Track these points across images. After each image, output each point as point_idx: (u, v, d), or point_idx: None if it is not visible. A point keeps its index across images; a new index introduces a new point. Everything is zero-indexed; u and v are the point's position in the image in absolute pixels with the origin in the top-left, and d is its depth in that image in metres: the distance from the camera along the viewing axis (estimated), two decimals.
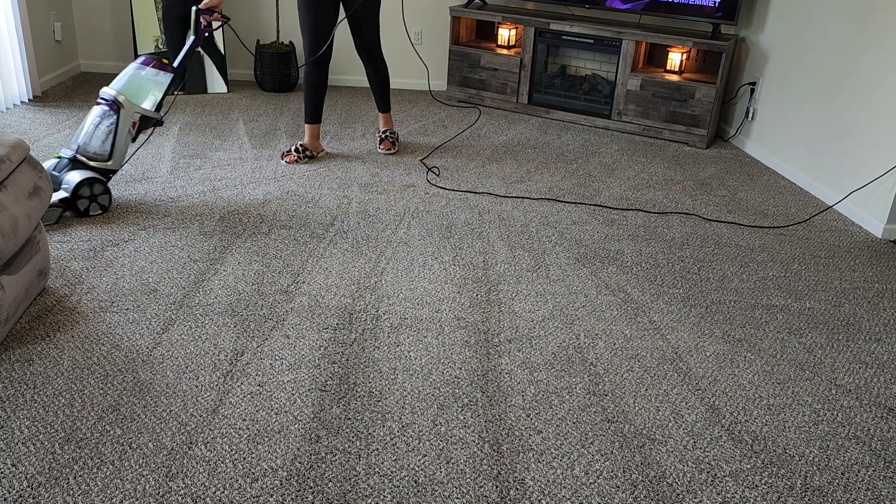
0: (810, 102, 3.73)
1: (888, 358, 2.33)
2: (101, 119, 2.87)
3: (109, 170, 2.91)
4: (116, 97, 2.87)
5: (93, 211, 2.87)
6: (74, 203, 2.81)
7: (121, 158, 2.92)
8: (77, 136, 2.91)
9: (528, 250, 2.87)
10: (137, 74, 2.94)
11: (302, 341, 2.19)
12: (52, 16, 4.45)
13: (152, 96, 2.93)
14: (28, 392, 1.90)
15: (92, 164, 2.87)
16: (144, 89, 2.92)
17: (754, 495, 1.73)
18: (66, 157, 2.88)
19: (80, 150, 2.88)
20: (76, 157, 2.87)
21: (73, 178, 2.80)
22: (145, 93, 2.92)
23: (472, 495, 1.67)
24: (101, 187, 2.85)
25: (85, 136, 2.88)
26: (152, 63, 2.98)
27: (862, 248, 3.12)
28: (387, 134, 3.86)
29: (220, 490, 1.63)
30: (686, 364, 2.22)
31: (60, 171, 2.87)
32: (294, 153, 3.62)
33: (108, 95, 2.88)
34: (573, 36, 4.44)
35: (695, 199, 3.51)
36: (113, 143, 2.86)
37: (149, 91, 2.93)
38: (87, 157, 2.87)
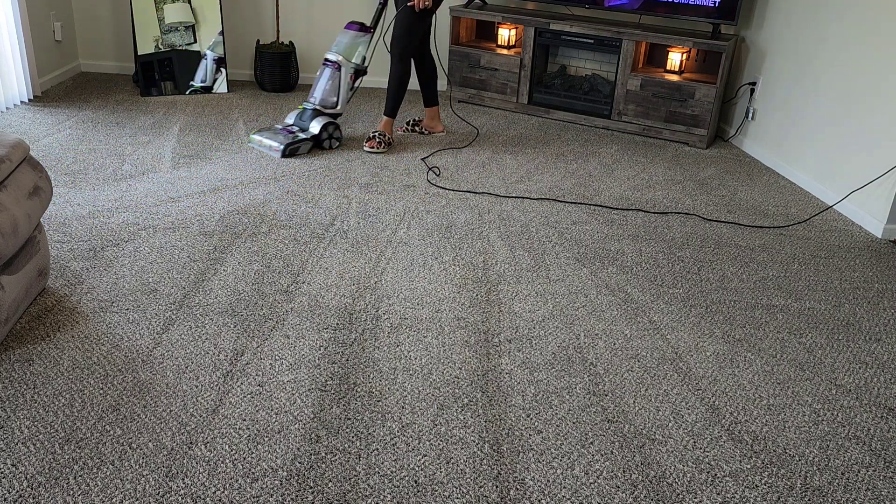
0: (810, 102, 3.73)
1: (888, 358, 2.33)
2: (328, 77, 3.78)
3: (338, 113, 3.85)
4: (337, 59, 3.76)
5: (332, 145, 3.82)
6: (320, 139, 3.76)
7: (344, 104, 3.84)
8: (313, 91, 3.83)
9: (528, 250, 2.87)
10: (350, 38, 3.79)
11: (302, 341, 2.19)
12: (52, 16, 4.45)
13: (359, 54, 3.81)
14: (28, 392, 1.90)
15: (327, 111, 3.81)
16: (354, 49, 3.79)
17: (754, 495, 1.73)
18: (309, 109, 3.81)
19: (319, 102, 3.80)
20: (316, 108, 3.80)
21: (317, 123, 3.75)
22: (355, 51, 3.80)
23: (472, 495, 1.67)
24: (334, 127, 3.80)
25: (319, 91, 3.80)
26: (356, 27, 3.79)
27: (862, 248, 3.12)
28: (376, 134, 3.88)
29: (220, 490, 1.63)
30: (686, 364, 2.22)
31: (304, 118, 3.80)
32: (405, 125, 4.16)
33: (332, 58, 3.77)
34: (573, 36, 4.44)
35: (695, 199, 3.51)
36: (339, 93, 3.79)
37: (356, 50, 3.80)
38: (323, 107, 3.80)
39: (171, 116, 4.18)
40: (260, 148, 3.74)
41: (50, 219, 2.84)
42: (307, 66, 5.07)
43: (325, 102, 3.79)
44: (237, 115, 4.29)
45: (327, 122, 3.75)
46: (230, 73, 5.00)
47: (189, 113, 4.26)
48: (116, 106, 4.27)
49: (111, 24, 4.82)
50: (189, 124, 4.06)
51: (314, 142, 3.76)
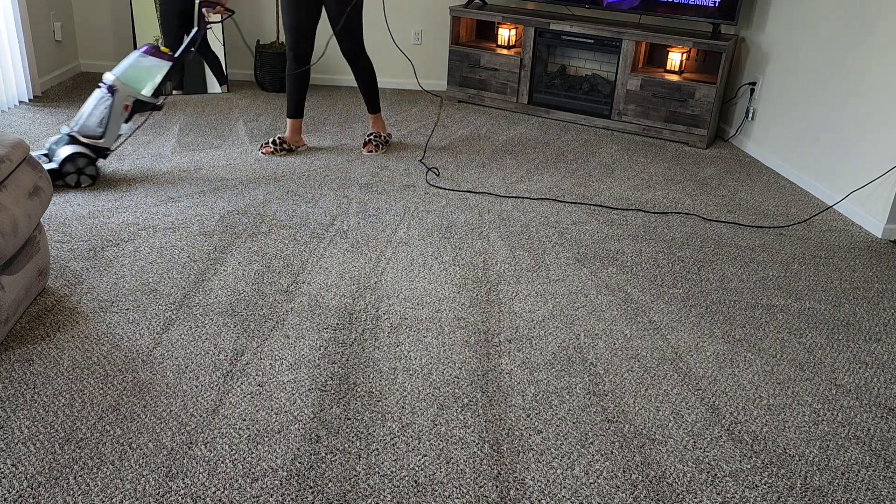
0: (810, 102, 3.73)
1: (888, 358, 2.33)
2: (99, 101, 3.13)
3: (102, 147, 3.16)
4: (114, 82, 3.13)
5: (71, 182, 3.11)
6: (62, 173, 3.08)
7: (113, 137, 3.17)
8: (77, 116, 3.16)
9: (528, 250, 2.87)
10: (138, 62, 3.19)
11: (302, 341, 2.19)
12: (52, 16, 4.45)
13: (150, 83, 3.18)
14: (28, 392, 1.90)
15: (85, 140, 3.12)
16: (143, 76, 3.17)
17: (754, 495, 1.73)
18: (65, 134, 3.14)
19: (78, 128, 3.14)
20: (72, 134, 3.13)
21: (63, 152, 3.07)
22: (143, 79, 3.17)
23: (472, 495, 1.67)
24: (85, 161, 3.09)
25: (84, 116, 3.14)
26: (153, 52, 3.21)
27: (862, 248, 3.12)
28: (371, 137, 3.84)
29: (220, 490, 1.63)
30: (686, 364, 2.22)
31: (58, 144, 3.13)
32: (271, 145, 3.69)
33: (107, 80, 3.14)
34: (573, 36, 4.44)
35: (695, 199, 3.51)
36: (107, 123, 3.13)
37: (147, 78, 3.17)
38: (83, 135, 3.13)
39: (171, 116, 4.18)
40: None
41: (50, 219, 2.84)
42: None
43: (86, 130, 3.13)
44: (237, 115, 4.29)
45: (77, 153, 3.06)
46: (230, 73, 5.00)
47: (189, 113, 4.26)
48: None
49: (111, 24, 4.82)
50: (189, 124, 4.06)
51: (54, 176, 3.05)
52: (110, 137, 3.16)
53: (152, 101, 3.20)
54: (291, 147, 3.75)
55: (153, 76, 3.19)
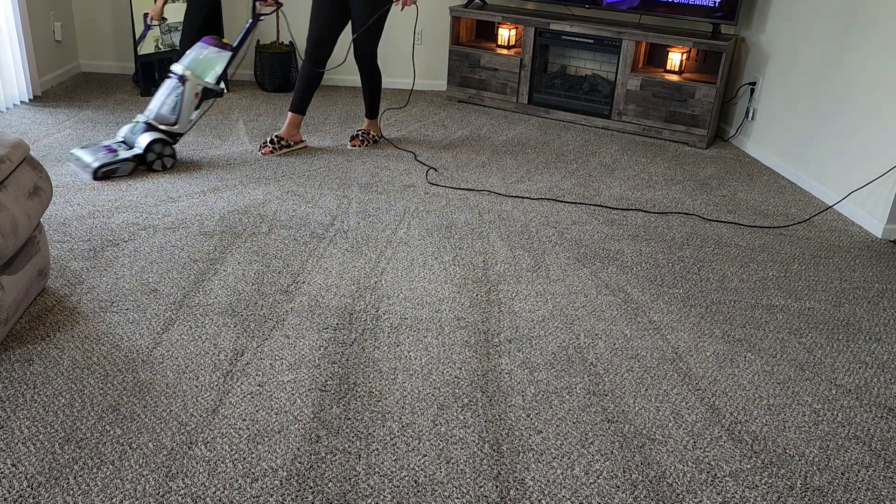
0: (810, 102, 3.73)
1: (888, 358, 2.33)
2: (171, 91, 3.37)
3: (176, 133, 3.42)
4: (183, 73, 3.37)
5: (157, 167, 3.37)
6: (146, 158, 3.32)
7: (185, 123, 3.42)
8: (151, 105, 3.40)
9: (528, 250, 2.87)
10: (201, 53, 3.43)
11: (302, 341, 2.19)
12: (52, 16, 4.45)
13: (213, 71, 3.44)
14: (28, 392, 1.90)
15: (161, 127, 3.37)
16: (208, 66, 3.43)
17: (754, 495, 1.73)
18: (141, 122, 3.37)
19: (153, 116, 3.37)
20: (149, 122, 3.36)
21: (145, 138, 3.31)
22: (208, 68, 3.42)
23: (472, 495, 1.67)
24: (164, 145, 3.35)
25: (157, 105, 3.38)
26: (214, 43, 3.46)
27: (862, 248, 3.12)
28: (360, 132, 3.91)
29: (220, 490, 1.63)
30: (686, 364, 2.22)
31: (135, 133, 3.36)
32: (269, 144, 3.70)
33: (177, 71, 3.38)
34: (573, 36, 4.44)
35: (695, 199, 3.51)
36: (179, 110, 3.37)
37: (211, 67, 3.43)
38: (158, 122, 3.37)
39: None
40: (75, 166, 3.31)
41: (50, 219, 2.84)
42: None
43: (161, 118, 3.36)
44: (237, 115, 4.29)
45: (157, 139, 3.31)
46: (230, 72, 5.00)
47: None
48: (116, 106, 4.27)
49: (111, 24, 4.82)
50: None
51: (138, 161, 3.31)
52: (183, 123, 3.41)
53: (217, 88, 3.47)
54: (290, 143, 3.75)
55: (216, 66, 3.43)
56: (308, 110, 4.48)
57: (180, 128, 3.41)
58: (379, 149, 3.90)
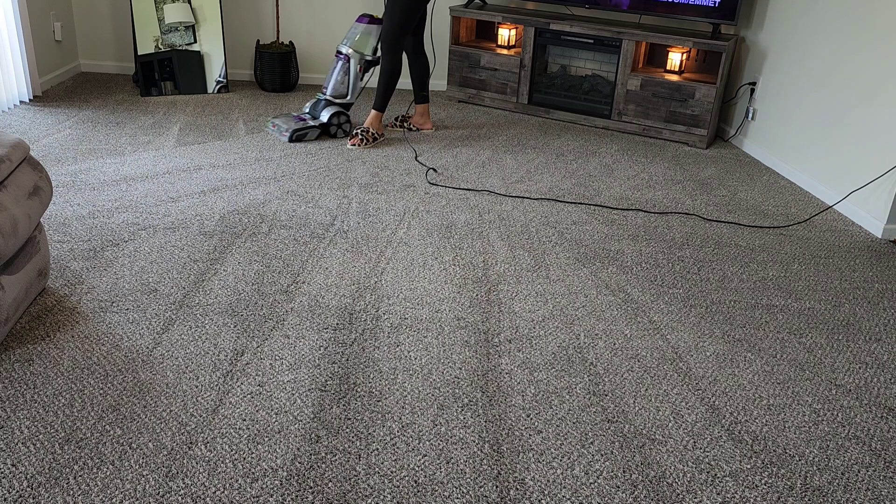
0: (810, 102, 3.73)
1: (888, 358, 2.33)
2: (340, 68, 3.95)
3: (348, 103, 4.05)
4: (347, 51, 3.92)
5: (338, 134, 4.00)
6: (328, 127, 3.96)
7: (356, 94, 4.01)
8: (326, 82, 4.00)
9: (528, 250, 2.87)
10: (361, 31, 3.93)
11: (302, 341, 2.19)
12: (52, 16, 4.45)
13: (370, 45, 3.95)
14: (28, 392, 1.90)
15: (337, 101, 4.01)
16: (365, 40, 3.94)
17: (754, 495, 1.73)
18: (322, 99, 4.02)
19: (330, 92, 3.99)
20: (327, 98, 4.00)
21: (327, 112, 3.96)
22: (365, 43, 3.94)
23: (472, 495, 1.67)
24: (344, 117, 3.98)
25: (331, 82, 3.98)
26: (367, 19, 3.93)
27: (862, 248, 3.12)
28: (360, 130, 3.94)
29: (220, 490, 1.63)
30: (686, 364, 2.22)
31: (318, 107, 4.01)
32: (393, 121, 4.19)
33: (342, 50, 3.94)
34: (573, 36, 4.44)
35: (695, 199, 3.51)
36: (349, 84, 3.98)
37: (367, 41, 3.94)
38: (334, 97, 4.00)
39: (171, 116, 4.18)
40: (273, 132, 3.97)
41: (50, 219, 2.84)
42: (307, 66, 5.07)
43: (335, 93, 3.97)
44: (237, 115, 4.29)
45: (337, 111, 3.94)
46: (230, 73, 5.00)
47: (189, 113, 4.26)
48: (116, 106, 4.27)
49: (111, 24, 4.82)
50: (189, 124, 4.06)
51: (322, 129, 3.95)
52: (354, 94, 4.01)
53: (375, 58, 3.98)
54: (413, 128, 4.20)
55: (371, 39, 3.93)
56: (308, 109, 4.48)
57: (352, 98, 4.02)
58: (379, 149, 3.90)
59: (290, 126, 3.90)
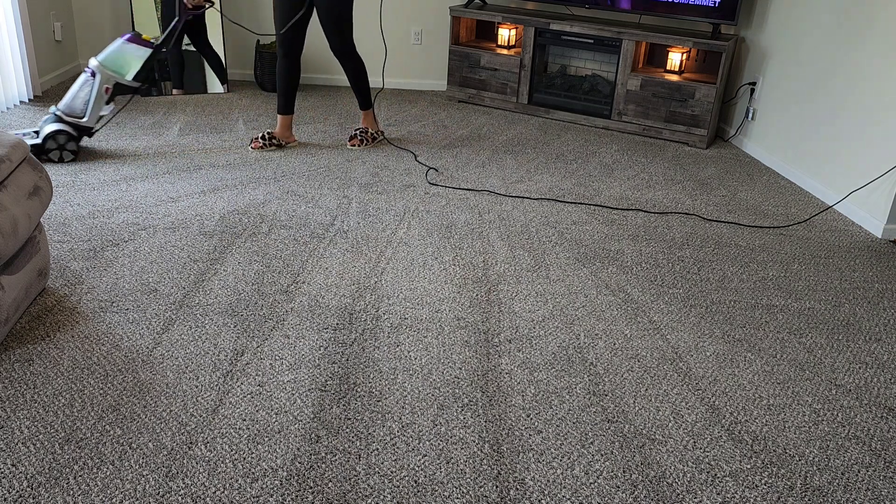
0: (810, 102, 3.73)
1: (888, 358, 2.33)
2: (83, 84, 3.40)
3: (85, 126, 3.43)
4: (95, 67, 3.39)
5: (55, 157, 3.37)
6: (45, 148, 3.34)
7: (95, 117, 3.43)
8: (65, 96, 3.43)
9: (528, 250, 2.87)
10: (120, 48, 3.43)
11: (302, 341, 2.19)
12: (52, 16, 4.45)
13: (131, 68, 3.43)
14: (28, 392, 1.90)
15: (68, 119, 3.39)
16: (124, 61, 3.43)
17: (754, 495, 1.73)
18: (52, 113, 3.41)
19: (63, 108, 3.40)
20: (57, 114, 3.40)
21: (47, 129, 3.34)
22: (124, 64, 3.43)
23: (472, 495, 1.67)
24: (66, 137, 3.35)
25: (69, 96, 3.41)
26: (134, 39, 3.45)
27: (862, 248, 3.12)
28: (357, 131, 3.89)
29: (220, 490, 1.63)
30: (686, 364, 2.22)
31: (46, 122, 3.38)
32: (260, 140, 3.75)
33: (91, 65, 3.40)
34: (573, 36, 4.44)
35: (695, 199, 3.51)
36: (88, 103, 3.39)
37: (128, 63, 3.43)
38: (67, 115, 3.39)
39: (171, 116, 4.18)
40: None
41: (50, 219, 2.84)
42: (307, 66, 5.07)
43: (70, 109, 3.39)
44: (237, 115, 4.29)
45: (59, 130, 3.33)
46: (230, 73, 5.00)
47: (189, 113, 4.26)
48: (116, 106, 4.27)
49: (111, 25, 4.82)
50: (189, 124, 4.06)
51: (37, 150, 3.33)
52: (92, 117, 3.42)
53: (133, 84, 3.45)
54: (281, 143, 3.81)
55: (134, 62, 3.43)
56: (308, 109, 4.48)
57: (89, 121, 3.42)
58: (379, 149, 3.90)
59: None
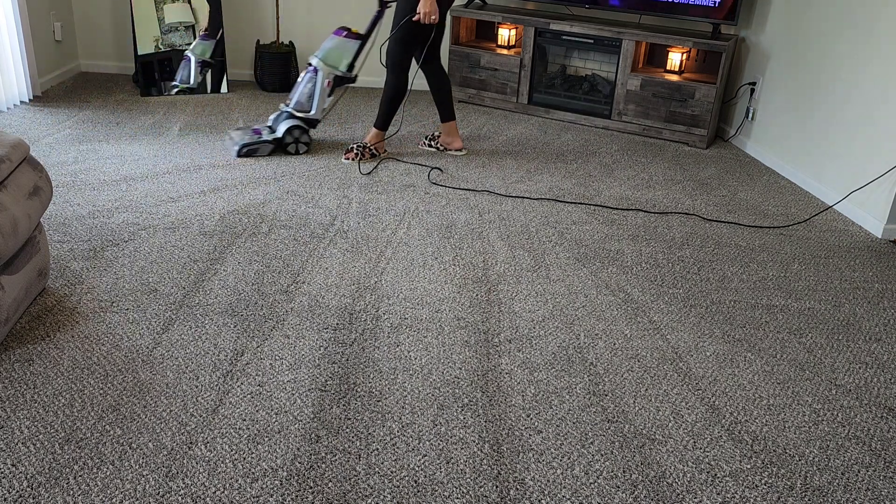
0: (810, 102, 3.73)
1: (888, 358, 2.33)
2: (307, 81, 3.69)
3: (313, 119, 3.74)
4: (316, 64, 3.67)
5: (292, 150, 3.72)
6: (284, 143, 3.69)
7: (320, 109, 3.73)
8: (292, 94, 3.73)
9: (528, 250, 2.87)
10: (336, 43, 3.68)
11: (302, 341, 2.19)
12: (52, 16, 4.45)
13: (345, 60, 3.69)
14: (28, 392, 1.90)
15: (299, 114, 3.71)
16: (338, 55, 3.68)
17: (754, 495, 1.73)
18: (284, 111, 3.74)
19: (293, 105, 3.72)
20: (289, 111, 3.72)
21: (284, 125, 3.68)
22: (339, 57, 3.68)
23: (472, 495, 1.67)
24: (300, 131, 3.70)
25: (296, 94, 3.71)
26: (344, 33, 3.68)
27: (862, 248, 3.12)
28: (356, 145, 3.73)
29: (220, 490, 1.63)
30: (686, 364, 2.22)
31: (279, 120, 3.73)
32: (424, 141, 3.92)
33: (311, 62, 3.69)
34: (573, 36, 4.44)
35: (695, 199, 3.51)
36: (314, 98, 3.69)
37: (343, 56, 3.68)
38: (297, 110, 3.72)
39: (171, 116, 4.18)
40: (227, 143, 3.79)
41: (50, 219, 2.84)
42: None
43: (299, 106, 3.71)
44: (237, 115, 4.29)
45: (294, 125, 3.67)
46: (230, 73, 5.00)
47: (189, 113, 4.26)
48: (116, 106, 4.27)
49: (111, 24, 4.82)
50: (189, 124, 4.06)
51: (276, 145, 3.70)
52: (318, 110, 3.72)
53: (347, 75, 3.72)
54: (440, 147, 3.91)
55: (347, 54, 3.68)
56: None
57: (316, 114, 3.72)
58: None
59: (242, 140, 3.66)
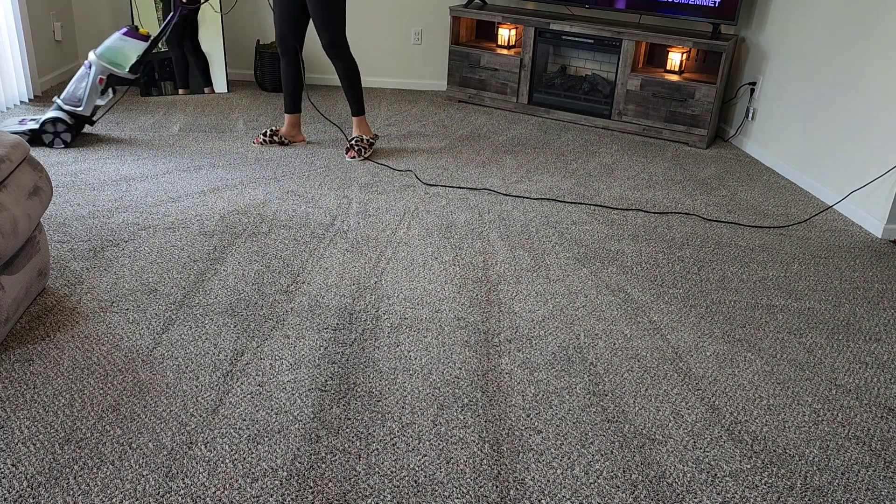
0: (810, 102, 3.73)
1: (888, 358, 2.33)
2: (81, 76, 3.58)
3: (81, 115, 3.61)
4: (91, 59, 3.57)
5: (55, 145, 3.58)
6: (40, 134, 3.55)
7: (90, 107, 3.61)
8: (66, 88, 3.62)
9: (528, 250, 2.87)
10: (117, 41, 3.61)
11: (302, 341, 2.19)
12: (52, 16, 4.45)
13: (127, 60, 3.62)
14: (28, 392, 1.90)
15: (66, 108, 3.58)
16: (121, 54, 3.61)
17: (754, 495, 1.73)
18: (56, 102, 3.60)
19: (63, 97, 3.59)
20: (58, 103, 3.59)
21: (46, 116, 3.54)
22: (120, 57, 3.61)
23: (472, 495, 1.67)
24: (64, 126, 3.55)
25: (69, 88, 3.59)
26: (131, 33, 3.62)
27: (862, 248, 3.12)
28: (353, 142, 3.71)
29: (220, 490, 1.63)
30: (686, 364, 2.22)
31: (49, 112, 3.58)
32: (261, 136, 3.82)
33: (89, 56, 3.59)
34: (573, 36, 4.44)
35: (695, 199, 3.51)
36: (84, 93, 3.57)
37: (124, 56, 3.61)
38: (66, 103, 3.58)
39: (171, 116, 4.18)
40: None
41: (50, 219, 2.84)
42: (307, 66, 5.07)
43: (69, 99, 3.58)
44: (237, 115, 4.29)
45: (57, 118, 3.52)
46: (230, 73, 5.00)
47: (189, 113, 4.26)
48: (116, 106, 4.27)
49: (111, 25, 4.82)
50: (189, 124, 4.06)
51: (31, 136, 3.56)
52: (88, 107, 3.60)
53: (127, 76, 3.64)
54: (284, 140, 3.85)
55: (130, 55, 3.61)
56: (309, 109, 4.48)
57: (84, 111, 3.60)
58: (379, 150, 3.90)
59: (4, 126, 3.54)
